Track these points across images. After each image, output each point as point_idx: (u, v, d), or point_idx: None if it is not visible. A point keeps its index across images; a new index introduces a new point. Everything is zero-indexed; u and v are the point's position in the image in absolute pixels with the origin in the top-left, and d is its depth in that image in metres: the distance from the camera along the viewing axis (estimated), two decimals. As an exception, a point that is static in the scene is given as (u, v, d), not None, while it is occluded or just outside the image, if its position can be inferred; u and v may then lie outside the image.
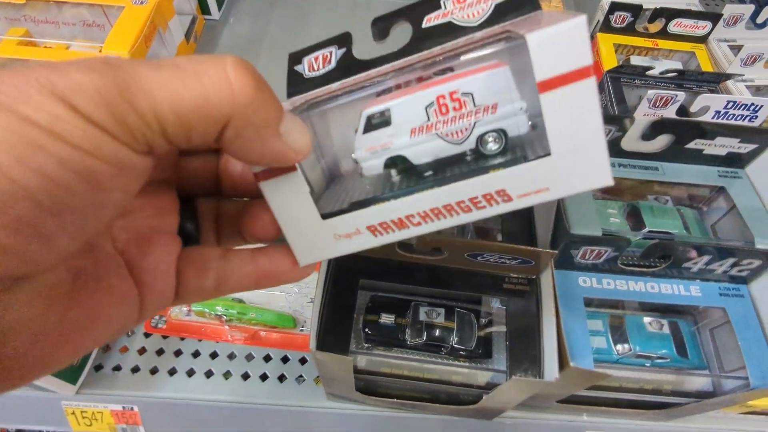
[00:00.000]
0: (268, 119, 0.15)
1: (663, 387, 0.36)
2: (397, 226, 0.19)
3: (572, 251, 0.34)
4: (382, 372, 0.35)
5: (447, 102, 0.18)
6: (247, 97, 0.14)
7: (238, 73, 0.14)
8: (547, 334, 0.32)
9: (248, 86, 0.14)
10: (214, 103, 0.13)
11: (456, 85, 0.18)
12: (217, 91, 0.13)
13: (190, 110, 0.13)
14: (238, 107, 0.14)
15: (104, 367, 0.43)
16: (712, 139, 0.34)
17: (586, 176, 0.17)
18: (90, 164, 0.12)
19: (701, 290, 0.35)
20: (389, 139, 0.20)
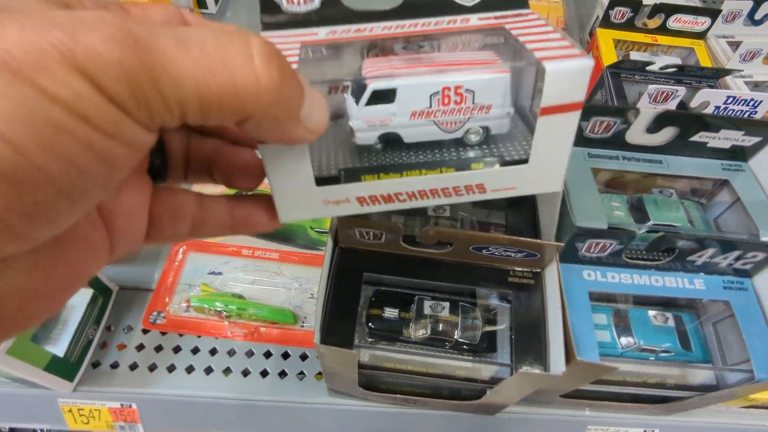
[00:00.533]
0: (290, 111, 0.15)
1: (667, 381, 0.36)
2: (385, 200, 0.21)
3: (577, 244, 0.34)
4: (386, 367, 0.35)
5: (451, 95, 0.20)
6: (273, 93, 0.13)
7: (264, 64, 0.13)
8: (552, 327, 0.32)
9: (275, 81, 0.13)
10: (240, 97, 0.13)
11: (463, 80, 0.19)
12: (244, 85, 0.13)
13: (215, 102, 0.13)
14: (263, 104, 0.13)
15: (102, 364, 0.43)
16: (717, 132, 0.34)
17: (546, 183, 0.21)
18: (109, 147, 0.12)
19: (705, 283, 0.35)
20: (390, 117, 0.20)
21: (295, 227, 0.50)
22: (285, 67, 0.14)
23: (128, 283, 0.47)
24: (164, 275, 0.46)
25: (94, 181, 0.12)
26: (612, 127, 0.35)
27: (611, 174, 0.38)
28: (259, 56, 0.13)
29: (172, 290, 0.45)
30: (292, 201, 0.20)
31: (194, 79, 0.12)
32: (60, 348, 0.39)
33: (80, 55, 0.11)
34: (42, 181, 0.11)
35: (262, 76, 0.13)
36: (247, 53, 0.13)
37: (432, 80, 0.19)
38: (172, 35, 0.12)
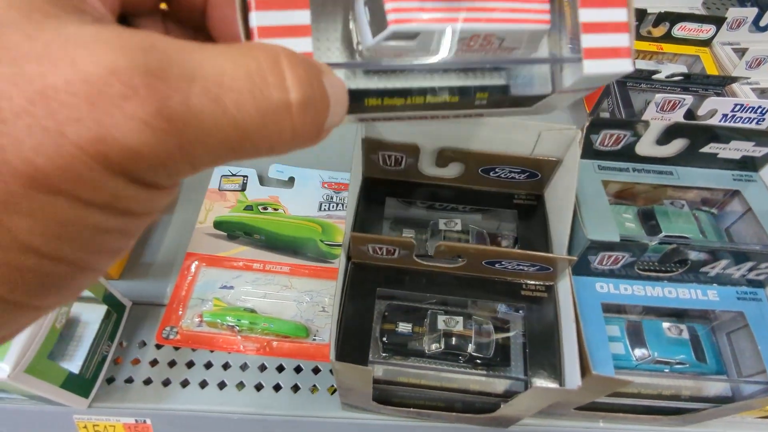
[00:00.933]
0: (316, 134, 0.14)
1: (682, 392, 0.36)
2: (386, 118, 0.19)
3: (589, 257, 0.34)
4: (400, 381, 0.35)
5: (478, 40, 0.17)
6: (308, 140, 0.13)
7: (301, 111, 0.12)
8: (567, 341, 0.32)
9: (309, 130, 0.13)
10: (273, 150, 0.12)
11: (496, 28, 0.17)
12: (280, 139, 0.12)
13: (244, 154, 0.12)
14: (293, 147, 0.13)
15: (116, 380, 0.43)
16: (727, 143, 0.34)
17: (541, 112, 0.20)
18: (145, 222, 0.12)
19: (719, 295, 0.35)
20: (404, 51, 0.18)
21: (305, 240, 0.50)
22: (318, 99, 0.13)
23: (141, 298, 0.47)
24: (177, 290, 0.46)
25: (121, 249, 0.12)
26: (622, 140, 0.35)
27: (621, 185, 0.38)
28: (297, 104, 0.12)
29: (185, 305, 0.46)
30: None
31: (230, 147, 0.12)
32: (75, 365, 0.40)
33: (113, 155, 0.10)
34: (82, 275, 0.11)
35: (299, 128, 0.12)
36: (285, 103, 0.12)
37: (460, 27, 0.17)
38: (203, 89, 0.11)
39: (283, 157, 0.56)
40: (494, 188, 0.39)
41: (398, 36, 0.17)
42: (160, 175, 0.11)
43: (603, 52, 0.16)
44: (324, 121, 0.14)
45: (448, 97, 0.19)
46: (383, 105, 0.18)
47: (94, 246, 0.11)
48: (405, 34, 0.17)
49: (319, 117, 0.13)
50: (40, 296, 0.11)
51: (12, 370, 0.32)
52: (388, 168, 0.39)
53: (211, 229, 0.50)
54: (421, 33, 0.17)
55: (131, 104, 0.10)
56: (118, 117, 0.10)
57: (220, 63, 0.11)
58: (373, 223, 0.38)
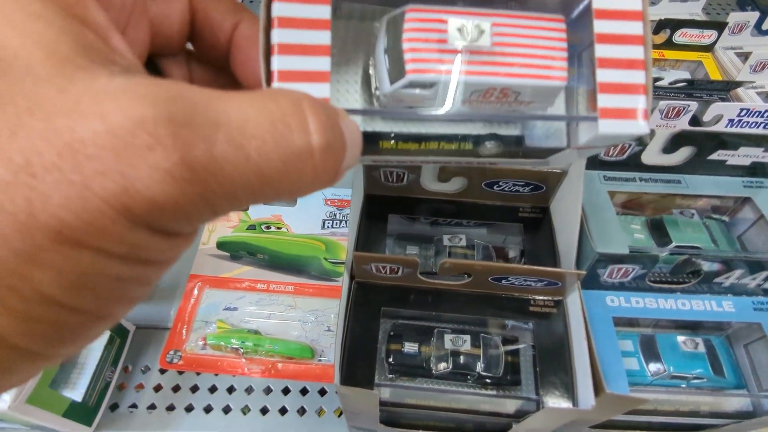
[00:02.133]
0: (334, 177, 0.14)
1: (700, 408, 0.35)
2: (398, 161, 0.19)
3: (598, 270, 0.33)
4: (408, 403, 0.34)
5: (495, 93, 0.18)
6: (328, 183, 0.13)
7: (323, 157, 0.12)
8: (578, 358, 0.31)
9: (330, 174, 0.13)
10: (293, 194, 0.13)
11: (512, 83, 0.17)
12: (300, 185, 0.12)
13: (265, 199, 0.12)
14: (313, 190, 0.13)
15: (120, 407, 0.42)
16: (735, 150, 0.34)
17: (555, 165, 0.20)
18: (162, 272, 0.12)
19: (734, 305, 0.34)
20: (422, 99, 0.18)
21: (309, 258, 0.50)
22: (338, 143, 0.13)
23: (145, 322, 0.46)
24: (180, 313, 0.46)
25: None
26: (627, 149, 0.34)
27: (628, 195, 0.37)
28: (319, 148, 0.12)
29: (189, 328, 0.45)
30: None
31: (252, 192, 0.11)
32: (78, 392, 0.39)
33: (136, 208, 0.10)
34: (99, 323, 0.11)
35: (320, 172, 0.12)
36: (308, 148, 0.12)
37: (477, 80, 0.17)
38: (227, 139, 0.11)
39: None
40: (498, 202, 0.39)
41: (415, 85, 0.17)
42: (182, 224, 0.11)
43: (619, 112, 0.16)
44: (341, 164, 0.14)
45: (461, 145, 0.19)
46: (397, 149, 0.19)
47: (114, 295, 0.11)
48: (422, 84, 0.17)
49: (337, 160, 0.13)
50: (57, 346, 0.11)
51: (13, 401, 0.32)
52: (390, 184, 0.38)
53: (214, 250, 0.50)
54: (438, 83, 0.17)
55: (155, 155, 0.10)
56: (141, 168, 0.10)
57: (244, 110, 0.11)
58: (376, 241, 0.38)
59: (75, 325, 0.11)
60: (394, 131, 0.19)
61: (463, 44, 0.17)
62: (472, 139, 0.19)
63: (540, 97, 0.18)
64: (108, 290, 0.11)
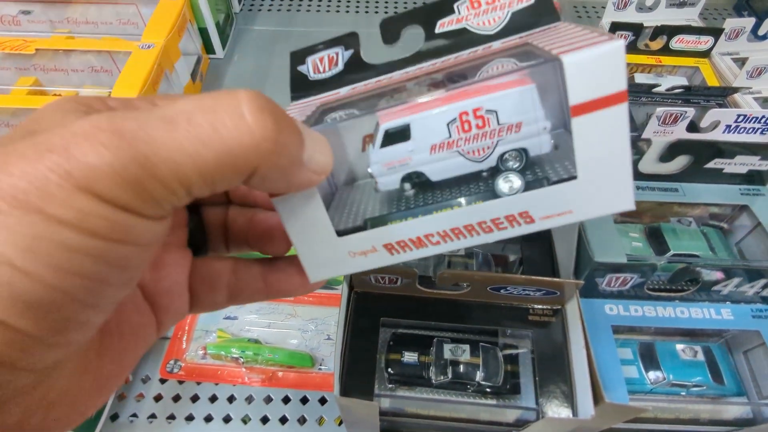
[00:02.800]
0: (292, 157, 0.14)
1: (700, 416, 0.35)
2: (415, 245, 0.19)
3: (596, 279, 0.33)
4: (407, 413, 0.34)
5: (470, 119, 0.17)
6: (271, 141, 0.13)
7: (256, 116, 0.13)
8: (577, 367, 0.31)
9: (270, 129, 0.13)
10: (238, 156, 0.13)
11: (480, 102, 0.17)
12: (240, 143, 0.12)
13: (215, 168, 0.12)
14: (263, 154, 0.13)
15: (120, 417, 0.42)
16: (732, 158, 0.34)
17: (610, 201, 0.17)
18: (122, 252, 0.12)
19: (733, 313, 0.34)
20: (408, 155, 0.19)
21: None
22: (279, 115, 0.13)
23: (145, 331, 0.46)
24: (180, 322, 0.46)
25: (114, 285, 0.12)
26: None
27: (626, 203, 0.38)
28: (249, 110, 0.13)
29: (189, 337, 0.45)
30: (316, 256, 0.19)
31: (189, 156, 0.12)
32: (78, 403, 0.39)
33: (76, 172, 0.11)
34: (63, 300, 0.11)
35: (256, 128, 0.13)
36: (237, 111, 0.12)
37: (445, 108, 0.17)
38: (158, 117, 0.12)
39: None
40: (497, 210, 0.39)
41: (392, 134, 0.18)
42: (132, 196, 0.11)
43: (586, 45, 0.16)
44: (296, 141, 0.14)
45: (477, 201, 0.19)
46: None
47: (70, 267, 0.11)
48: (396, 129, 0.17)
49: (283, 127, 0.13)
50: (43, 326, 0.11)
51: (13, 413, 0.32)
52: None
53: (213, 259, 0.50)
54: (411, 123, 0.17)
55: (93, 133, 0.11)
56: (81, 143, 0.11)
57: (178, 102, 0.12)
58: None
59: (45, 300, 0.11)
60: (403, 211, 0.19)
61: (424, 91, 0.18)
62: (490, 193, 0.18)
63: (520, 111, 0.18)
64: (60, 259, 0.11)
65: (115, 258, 0.12)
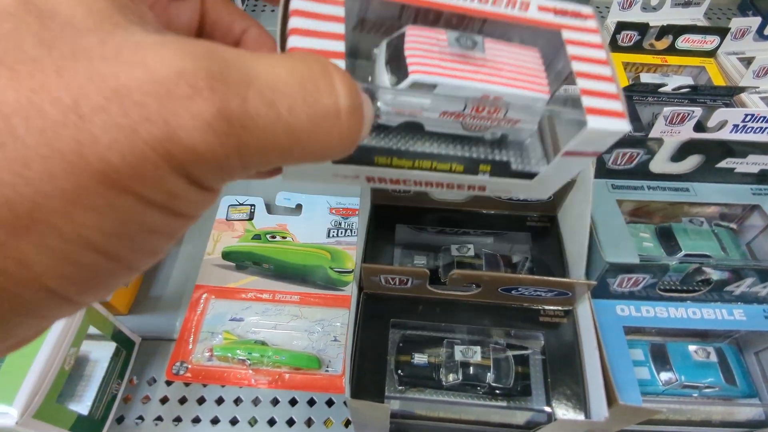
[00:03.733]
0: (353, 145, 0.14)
1: (712, 418, 0.35)
2: (393, 183, 0.21)
3: (608, 279, 0.33)
4: (417, 415, 0.34)
5: (487, 104, 0.19)
6: (353, 144, 0.13)
7: (349, 120, 0.13)
8: (590, 368, 0.31)
9: (356, 133, 0.13)
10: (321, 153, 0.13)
11: (503, 92, 0.19)
12: (329, 144, 0.13)
13: (296, 159, 0.13)
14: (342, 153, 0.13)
15: (126, 419, 0.42)
16: (744, 157, 0.33)
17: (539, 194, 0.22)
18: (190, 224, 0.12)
19: (745, 313, 0.34)
20: (420, 111, 0.20)
21: (315, 267, 0.50)
22: (361, 109, 0.13)
23: (151, 333, 0.46)
24: (186, 324, 0.46)
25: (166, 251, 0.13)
26: (635, 158, 0.34)
27: (636, 203, 0.37)
28: (345, 109, 0.12)
29: (195, 339, 0.45)
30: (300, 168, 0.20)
31: (281, 150, 0.12)
32: (85, 405, 0.39)
33: (179, 154, 0.10)
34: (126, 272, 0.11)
35: (347, 133, 0.13)
36: (335, 109, 0.12)
37: (474, 86, 0.18)
38: (260, 95, 0.11)
39: (290, 184, 0.56)
40: (506, 211, 0.39)
41: (417, 87, 0.18)
42: (215, 177, 0.11)
43: (603, 111, 0.18)
44: (363, 130, 0.14)
45: (454, 165, 0.20)
46: (392, 164, 0.20)
47: (144, 245, 0.11)
48: (424, 84, 0.18)
49: (360, 125, 0.14)
50: (85, 292, 0.11)
51: (20, 416, 0.32)
52: (398, 194, 0.38)
53: (219, 260, 0.50)
54: (439, 86, 0.18)
55: (196, 105, 0.10)
56: (184, 117, 0.10)
57: (275, 69, 0.12)
58: (383, 251, 0.38)
59: (106, 273, 0.11)
60: (390, 146, 0.20)
61: (460, 51, 0.19)
62: (464, 161, 0.20)
63: (527, 113, 0.20)
64: (142, 240, 0.11)
65: (182, 231, 0.12)
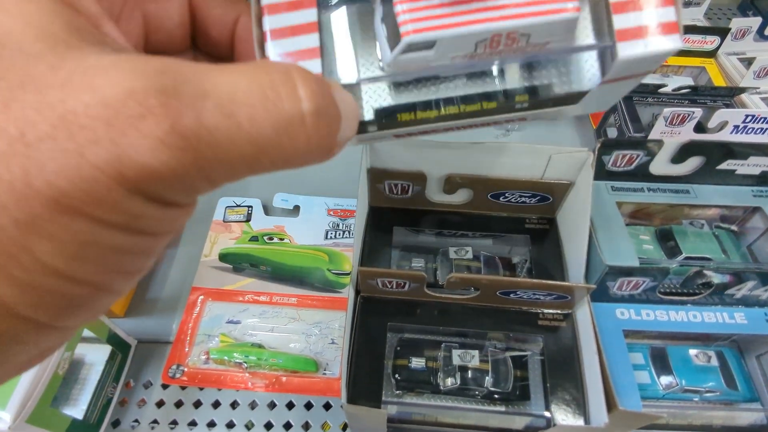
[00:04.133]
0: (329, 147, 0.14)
1: (713, 422, 0.34)
2: (424, 133, 0.19)
3: (608, 282, 0.32)
4: (415, 420, 0.33)
5: (501, 40, 0.16)
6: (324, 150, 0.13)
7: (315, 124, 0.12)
8: (589, 373, 0.30)
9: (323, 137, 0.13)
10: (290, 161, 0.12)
11: (517, 25, 0.16)
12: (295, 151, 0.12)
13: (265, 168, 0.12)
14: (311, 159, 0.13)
15: (122, 423, 0.42)
16: (745, 159, 0.33)
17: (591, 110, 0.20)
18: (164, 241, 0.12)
19: (746, 317, 0.33)
20: (426, 63, 0.17)
21: (312, 269, 0.49)
22: (330, 110, 0.13)
23: (147, 336, 0.46)
24: (182, 327, 0.45)
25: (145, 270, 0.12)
26: (635, 160, 0.34)
27: (636, 205, 0.37)
28: (309, 112, 0.12)
29: (191, 342, 0.44)
30: None
31: (246, 161, 0.12)
32: (80, 409, 0.39)
33: (131, 175, 0.10)
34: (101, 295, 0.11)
35: (314, 137, 0.12)
36: (299, 114, 0.12)
37: (479, 29, 0.16)
38: (218, 108, 0.11)
39: (288, 185, 0.56)
40: (504, 213, 0.38)
41: (414, 47, 0.16)
42: (178, 194, 0.11)
43: (640, 31, 0.15)
44: (336, 134, 0.14)
45: (484, 104, 0.18)
46: (416, 119, 0.18)
47: (114, 267, 0.11)
48: (421, 44, 0.16)
49: (331, 129, 0.13)
50: (63, 317, 0.11)
51: (13, 421, 0.31)
52: (395, 197, 0.38)
53: (216, 262, 0.49)
54: (438, 41, 0.16)
55: (146, 123, 0.10)
56: (133, 137, 0.10)
57: (234, 80, 0.11)
58: (381, 253, 0.37)
59: (79, 297, 0.11)
60: (410, 101, 0.18)
61: None
62: (494, 96, 0.18)
63: (554, 35, 0.16)
64: (108, 261, 0.11)
65: (157, 249, 0.12)
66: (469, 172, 0.35)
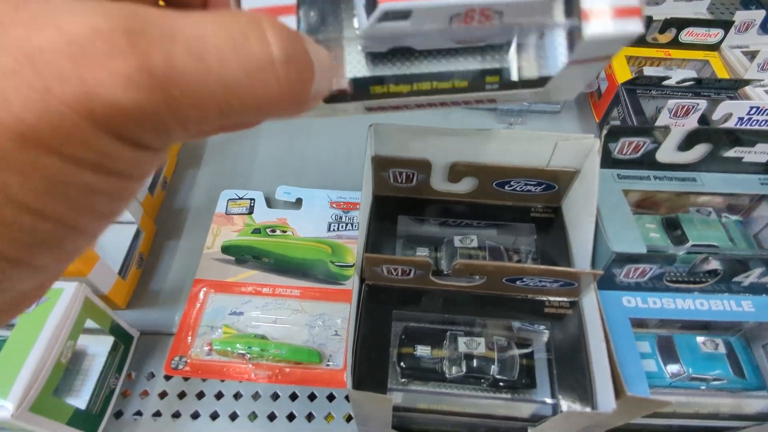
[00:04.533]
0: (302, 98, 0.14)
1: (720, 410, 0.34)
2: (395, 109, 0.20)
3: (614, 270, 0.32)
4: (420, 408, 0.33)
5: (475, 15, 0.17)
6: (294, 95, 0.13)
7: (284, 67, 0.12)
8: (596, 360, 0.30)
9: (294, 81, 0.13)
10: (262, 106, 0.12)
11: (491, 2, 0.16)
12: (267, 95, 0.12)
13: (237, 113, 0.12)
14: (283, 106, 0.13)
15: (124, 414, 0.41)
16: (752, 147, 0.33)
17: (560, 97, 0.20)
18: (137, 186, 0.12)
19: (754, 305, 0.33)
20: (402, 35, 0.18)
21: (315, 262, 0.49)
22: (301, 57, 0.13)
23: (149, 328, 0.46)
24: (185, 318, 0.45)
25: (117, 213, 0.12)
26: (641, 147, 0.34)
27: (642, 194, 0.37)
28: (280, 59, 0.12)
29: (194, 333, 0.44)
30: None
31: (216, 102, 0.12)
32: (82, 399, 0.38)
33: (100, 112, 0.10)
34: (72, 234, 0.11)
35: (286, 86, 0.12)
36: (268, 57, 0.12)
37: (453, 2, 0.16)
38: (186, 49, 0.11)
39: (290, 178, 0.55)
40: (510, 202, 0.38)
41: (391, 16, 0.17)
42: (149, 135, 0.11)
43: (606, 12, 0.16)
44: (310, 84, 0.14)
45: (456, 82, 0.19)
46: (389, 92, 0.19)
47: (85, 206, 0.11)
48: (397, 13, 0.16)
49: (303, 77, 0.13)
50: (34, 254, 0.11)
51: (16, 409, 0.31)
52: (399, 185, 0.38)
53: (219, 254, 0.49)
54: (414, 11, 0.16)
55: (114, 61, 0.10)
56: (101, 73, 0.10)
57: (202, 24, 0.11)
58: (385, 243, 0.37)
59: (49, 233, 0.11)
60: (384, 74, 0.19)
61: None
62: (466, 75, 0.19)
63: (526, 14, 0.17)
64: (78, 199, 0.11)
65: (129, 193, 0.12)
66: (474, 160, 0.35)
